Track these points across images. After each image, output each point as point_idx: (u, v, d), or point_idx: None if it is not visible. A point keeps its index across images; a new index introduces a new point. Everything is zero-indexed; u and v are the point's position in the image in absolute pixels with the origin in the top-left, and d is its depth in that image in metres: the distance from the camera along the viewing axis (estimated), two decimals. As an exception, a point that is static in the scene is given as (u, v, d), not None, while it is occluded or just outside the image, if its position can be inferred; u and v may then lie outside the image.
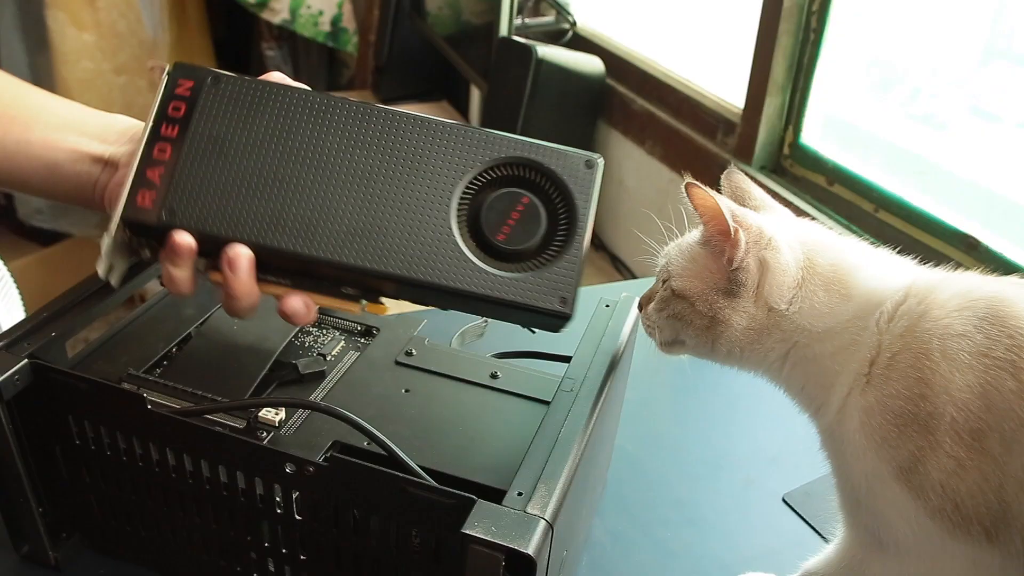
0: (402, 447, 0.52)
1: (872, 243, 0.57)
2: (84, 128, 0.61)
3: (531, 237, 0.54)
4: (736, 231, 0.52)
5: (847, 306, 0.52)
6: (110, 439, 0.56)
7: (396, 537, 0.50)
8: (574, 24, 1.77)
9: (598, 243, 1.73)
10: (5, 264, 0.88)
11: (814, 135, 1.31)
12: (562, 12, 1.77)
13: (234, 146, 0.54)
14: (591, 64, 1.61)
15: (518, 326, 0.56)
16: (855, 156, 1.24)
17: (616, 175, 1.69)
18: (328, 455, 0.54)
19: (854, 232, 1.22)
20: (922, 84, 1.25)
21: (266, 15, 2.41)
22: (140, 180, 0.54)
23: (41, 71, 2.23)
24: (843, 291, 0.52)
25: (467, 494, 0.46)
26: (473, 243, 0.54)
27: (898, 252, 0.56)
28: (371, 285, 0.55)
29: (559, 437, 0.52)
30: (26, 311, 0.89)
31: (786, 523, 0.72)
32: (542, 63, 1.50)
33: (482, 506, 0.46)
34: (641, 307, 0.60)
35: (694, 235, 0.57)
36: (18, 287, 0.90)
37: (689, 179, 0.53)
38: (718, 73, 1.49)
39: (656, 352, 0.62)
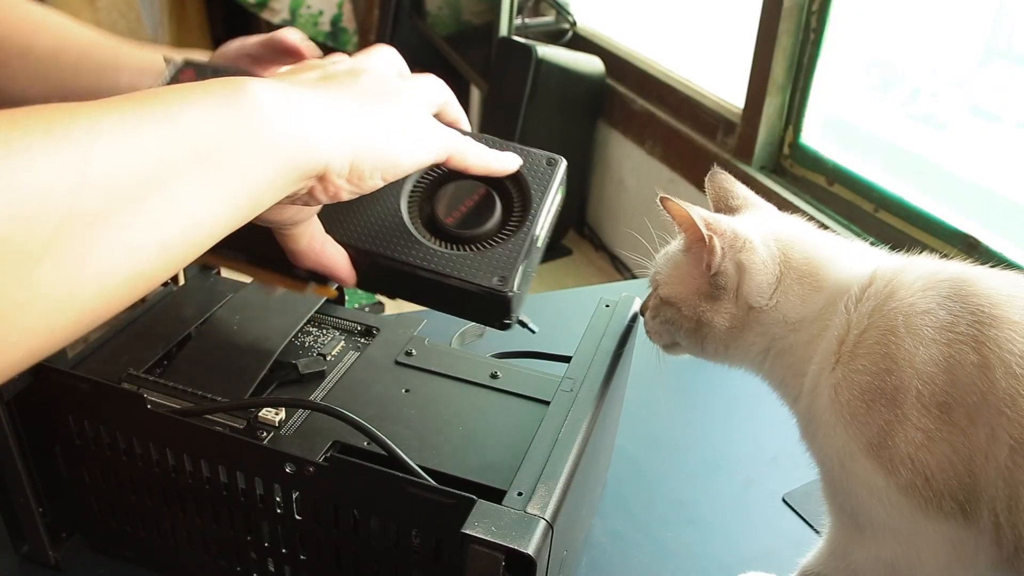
0: (402, 447, 0.52)
1: (872, 243, 0.58)
2: (119, 75, 0.67)
3: (481, 224, 0.54)
4: (711, 238, 0.54)
5: (819, 296, 0.53)
6: (110, 439, 0.56)
7: (396, 537, 0.50)
8: (574, 24, 1.77)
9: (598, 243, 1.73)
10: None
11: (814, 135, 1.31)
12: (562, 12, 1.77)
13: None
14: (591, 64, 1.61)
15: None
16: (855, 156, 1.24)
17: (616, 175, 1.69)
18: (328, 455, 0.54)
19: (854, 232, 1.22)
20: (922, 84, 1.26)
21: (266, 15, 2.41)
22: None
23: (41, 71, 2.23)
24: (815, 283, 0.54)
25: (467, 494, 0.46)
26: (421, 224, 0.55)
27: (898, 252, 0.57)
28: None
29: (559, 437, 0.52)
30: (26, 311, 0.89)
31: (786, 523, 0.72)
32: (542, 63, 1.50)
33: (482, 506, 0.46)
34: (642, 313, 0.63)
35: (678, 242, 0.59)
36: (18, 287, 0.90)
37: (663, 194, 0.55)
38: (718, 73, 1.49)
39: (656, 352, 0.62)
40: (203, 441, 0.53)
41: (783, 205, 0.60)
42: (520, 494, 0.47)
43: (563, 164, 0.57)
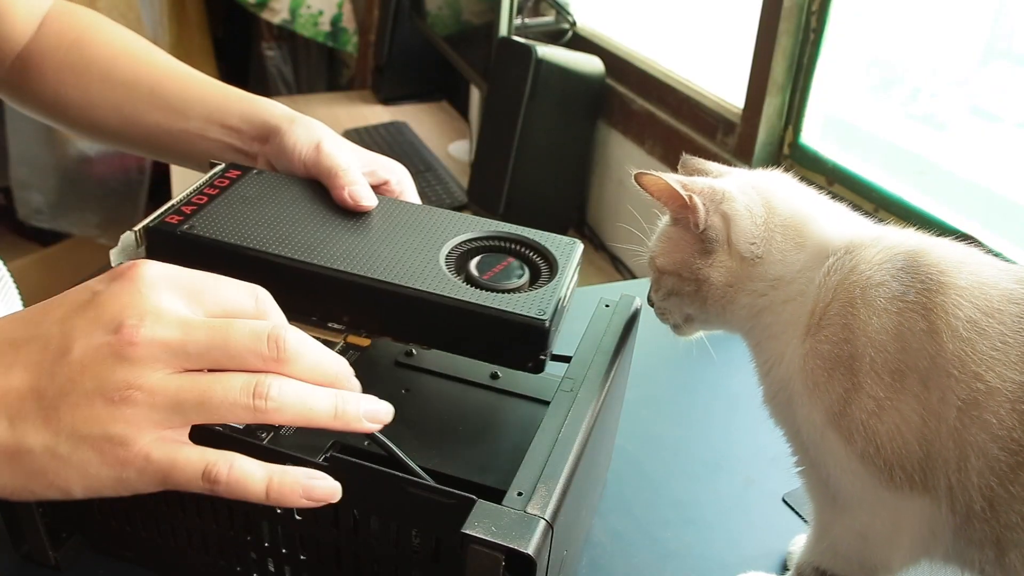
0: (402, 447, 0.52)
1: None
2: (229, 119, 0.72)
3: (513, 281, 0.59)
4: (690, 197, 0.56)
5: (799, 255, 0.55)
6: (110, 439, 0.56)
7: (396, 537, 0.50)
8: (574, 24, 1.76)
9: (598, 243, 1.73)
10: (5, 264, 0.88)
11: (814, 135, 1.31)
12: (562, 12, 1.77)
13: (260, 200, 0.63)
14: (591, 64, 1.61)
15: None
16: (855, 156, 1.24)
17: (616, 175, 1.69)
18: (328, 455, 0.54)
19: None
20: (922, 84, 1.25)
21: (266, 15, 2.41)
22: (173, 210, 0.61)
23: (41, 71, 2.23)
24: (797, 239, 0.55)
25: (467, 494, 0.46)
26: (457, 276, 0.59)
27: (877, 221, 0.59)
28: (356, 303, 0.58)
29: (559, 437, 0.52)
30: (26, 311, 0.89)
31: (786, 523, 0.72)
32: (542, 63, 1.50)
33: (482, 506, 0.46)
34: (650, 302, 0.64)
35: (665, 220, 0.61)
36: (18, 287, 0.90)
37: (636, 170, 0.57)
38: (718, 73, 1.49)
39: (656, 352, 0.63)
40: (203, 441, 0.53)
41: None
42: (520, 494, 0.47)
43: (580, 245, 0.63)
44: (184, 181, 1.87)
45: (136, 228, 0.60)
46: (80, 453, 0.41)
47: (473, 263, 0.60)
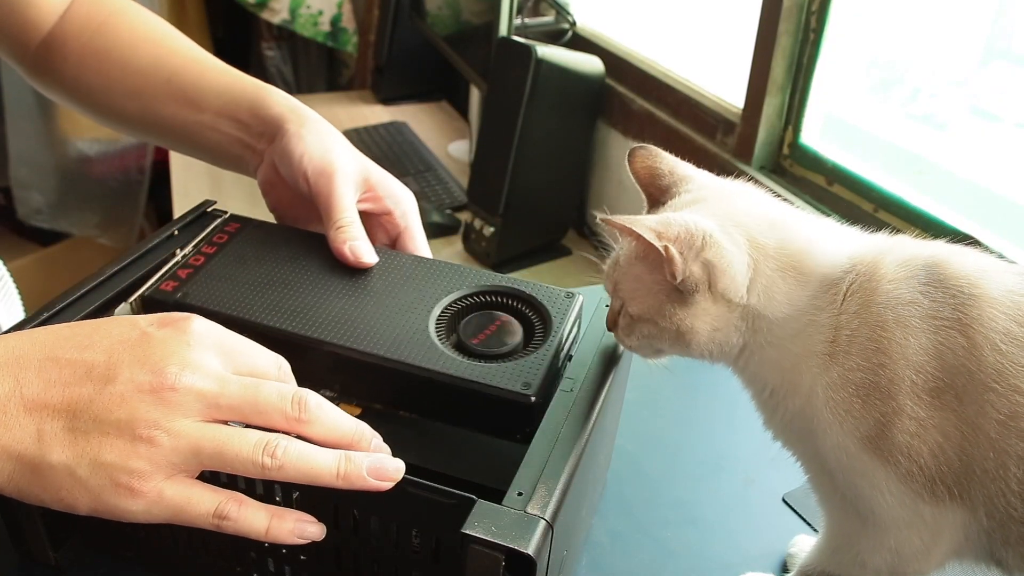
0: (402, 447, 0.52)
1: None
2: (239, 113, 0.72)
3: (504, 344, 0.58)
4: (666, 248, 0.50)
5: (804, 292, 0.52)
6: (110, 439, 0.56)
7: (396, 537, 0.50)
8: (574, 24, 1.76)
9: (598, 243, 1.73)
10: (5, 264, 0.88)
11: (814, 135, 1.31)
12: (562, 12, 1.77)
13: (257, 260, 0.65)
14: (591, 64, 1.61)
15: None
16: (855, 156, 1.24)
17: (616, 175, 1.69)
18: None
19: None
20: (922, 84, 1.25)
21: (266, 15, 2.41)
22: (169, 275, 0.63)
23: (41, 71, 2.23)
24: (799, 277, 0.52)
25: (467, 494, 0.46)
26: (447, 341, 0.59)
27: (865, 229, 0.56)
28: (346, 372, 0.59)
29: (559, 437, 0.52)
30: (26, 311, 0.89)
31: (786, 523, 0.72)
32: (542, 63, 1.50)
33: (482, 506, 0.46)
34: (610, 329, 0.58)
35: (628, 249, 0.55)
36: (18, 287, 0.90)
37: (601, 216, 0.51)
38: (718, 73, 1.49)
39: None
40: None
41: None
42: (520, 494, 0.47)
43: (580, 298, 0.63)
44: (184, 181, 1.87)
45: (132, 299, 0.61)
46: (97, 478, 0.43)
47: (463, 325, 0.60)
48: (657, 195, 0.59)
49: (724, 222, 0.52)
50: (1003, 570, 0.52)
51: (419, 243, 0.71)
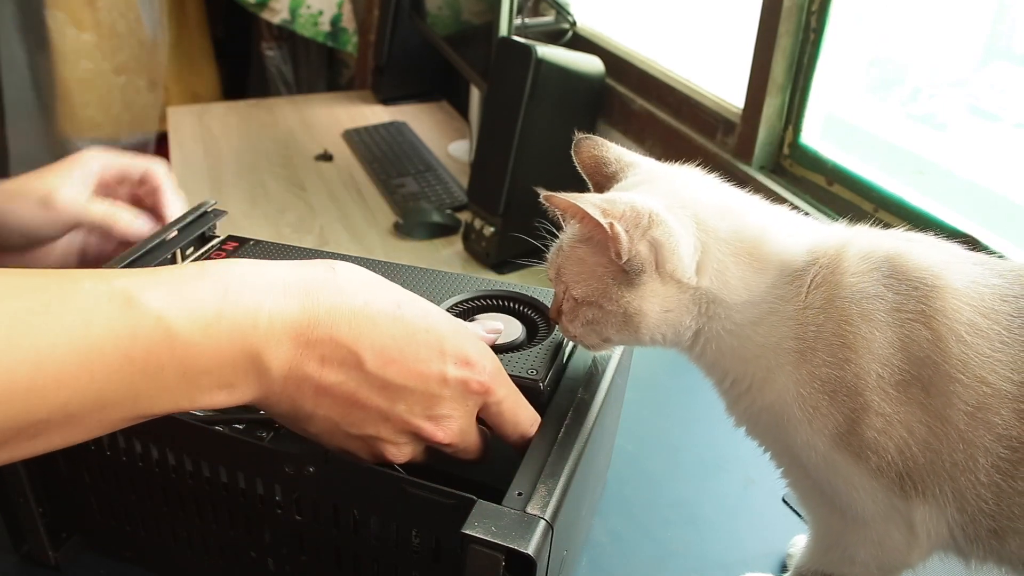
0: (402, 447, 0.52)
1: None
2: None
3: (509, 341, 0.58)
4: (611, 226, 0.49)
5: (762, 278, 0.51)
6: (110, 439, 0.56)
7: (396, 537, 0.50)
8: (574, 24, 1.76)
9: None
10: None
11: (814, 135, 1.31)
12: (562, 12, 1.77)
13: None
14: (591, 64, 1.61)
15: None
16: (855, 156, 1.24)
17: (616, 175, 1.69)
18: (328, 455, 0.54)
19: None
20: (922, 84, 1.25)
21: (266, 15, 2.41)
22: None
23: (41, 71, 2.23)
24: (755, 263, 0.51)
25: (467, 494, 0.46)
26: None
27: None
28: None
29: (559, 437, 0.52)
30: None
31: (786, 523, 0.72)
32: (542, 63, 1.50)
33: (482, 506, 0.46)
34: (554, 320, 0.57)
35: (571, 233, 0.54)
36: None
37: (545, 193, 0.50)
38: (718, 73, 1.49)
39: (657, 352, 0.62)
40: (203, 441, 0.53)
41: (777, 203, 0.57)
42: (520, 494, 0.47)
43: None
44: (184, 181, 1.86)
45: None
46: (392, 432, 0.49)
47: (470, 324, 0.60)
48: (603, 183, 0.59)
49: (671, 203, 0.51)
50: (978, 563, 0.52)
51: (161, 178, 0.74)
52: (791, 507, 0.73)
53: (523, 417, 0.52)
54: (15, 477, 0.58)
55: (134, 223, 0.69)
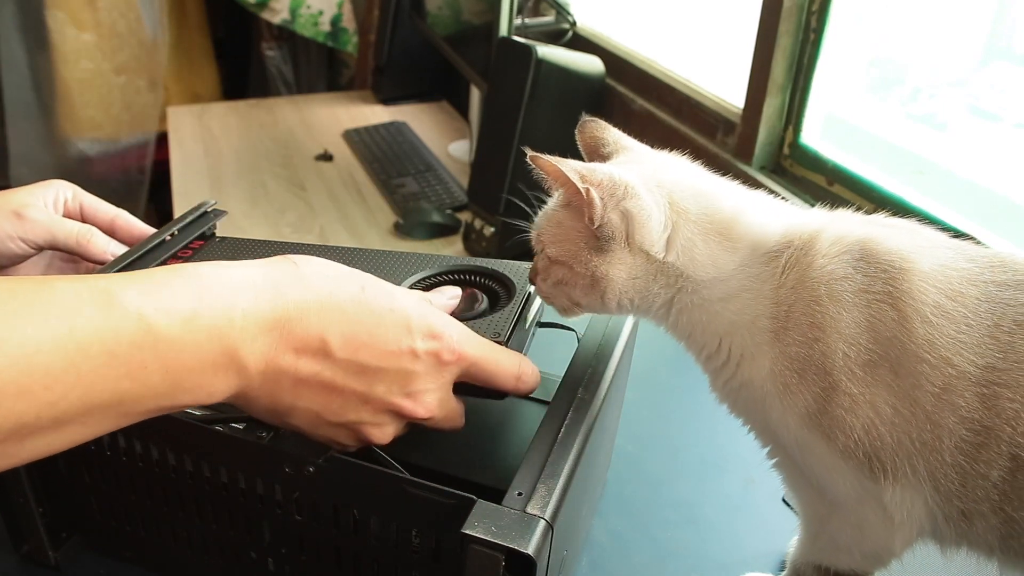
0: (402, 447, 0.52)
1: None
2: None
3: (471, 310, 0.59)
4: (587, 191, 0.51)
5: (733, 257, 0.53)
6: (110, 439, 0.56)
7: (396, 537, 0.50)
8: (574, 24, 1.77)
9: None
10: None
11: (814, 135, 1.31)
12: (562, 12, 1.77)
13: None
14: (591, 64, 1.61)
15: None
16: (855, 156, 1.24)
17: (616, 175, 1.69)
18: (328, 455, 0.54)
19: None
20: (922, 84, 1.25)
21: (266, 15, 2.41)
22: None
23: (41, 71, 2.23)
24: (725, 243, 0.53)
25: (467, 494, 0.46)
26: None
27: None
28: None
29: (559, 437, 0.52)
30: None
31: (786, 523, 0.72)
32: (542, 63, 1.50)
33: (482, 506, 0.46)
34: (532, 281, 0.59)
35: (556, 198, 0.57)
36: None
37: (531, 152, 0.53)
38: (718, 73, 1.49)
39: (656, 352, 0.62)
40: (203, 441, 0.53)
41: (779, 202, 0.58)
42: (520, 494, 0.47)
43: None
44: (184, 181, 1.87)
45: None
46: (378, 414, 0.50)
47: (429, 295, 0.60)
48: (598, 161, 0.61)
49: (649, 182, 0.54)
50: (950, 546, 0.52)
51: (133, 221, 0.71)
52: (791, 507, 0.73)
53: (506, 364, 0.53)
54: (15, 477, 0.58)
55: (109, 245, 0.67)
